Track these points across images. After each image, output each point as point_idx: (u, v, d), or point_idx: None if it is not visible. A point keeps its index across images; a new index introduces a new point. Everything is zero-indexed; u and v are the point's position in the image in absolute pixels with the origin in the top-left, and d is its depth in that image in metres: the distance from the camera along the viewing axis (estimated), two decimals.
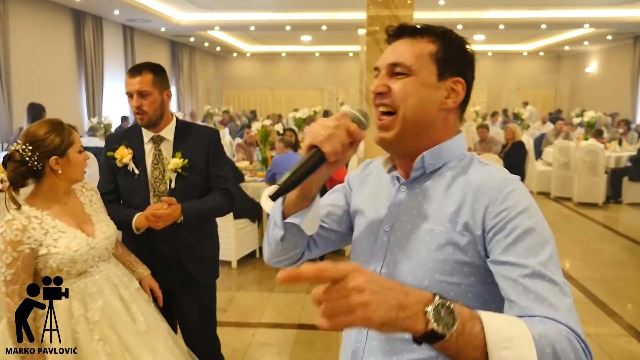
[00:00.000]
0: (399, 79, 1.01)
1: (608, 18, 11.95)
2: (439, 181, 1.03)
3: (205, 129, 2.32)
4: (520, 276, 0.86)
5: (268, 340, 3.57)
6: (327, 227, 1.19)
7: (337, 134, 0.96)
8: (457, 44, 1.05)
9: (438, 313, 0.71)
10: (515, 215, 0.91)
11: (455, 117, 1.06)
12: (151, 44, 14.49)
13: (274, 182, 5.12)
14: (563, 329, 0.79)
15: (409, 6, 4.35)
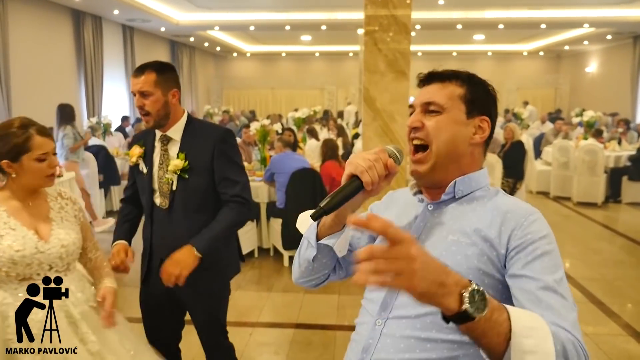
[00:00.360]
0: (433, 116, 1.13)
1: (608, 18, 11.94)
2: (465, 205, 1.14)
3: (212, 128, 2.22)
4: (536, 288, 0.97)
5: (265, 339, 3.57)
6: (354, 251, 1.26)
7: (376, 166, 1.09)
8: (481, 87, 1.19)
9: (472, 297, 0.79)
10: (537, 239, 1.03)
11: (480, 152, 1.19)
12: (151, 44, 14.50)
13: (272, 182, 5.14)
14: (570, 336, 0.89)
15: (407, 6, 4.34)
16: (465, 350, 1.00)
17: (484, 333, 0.81)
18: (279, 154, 5.27)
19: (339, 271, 1.31)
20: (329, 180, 5.24)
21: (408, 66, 4.38)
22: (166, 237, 2.13)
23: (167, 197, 2.11)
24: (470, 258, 1.05)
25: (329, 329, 3.70)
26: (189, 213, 2.11)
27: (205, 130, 2.17)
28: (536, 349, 0.81)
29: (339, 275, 1.32)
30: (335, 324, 3.79)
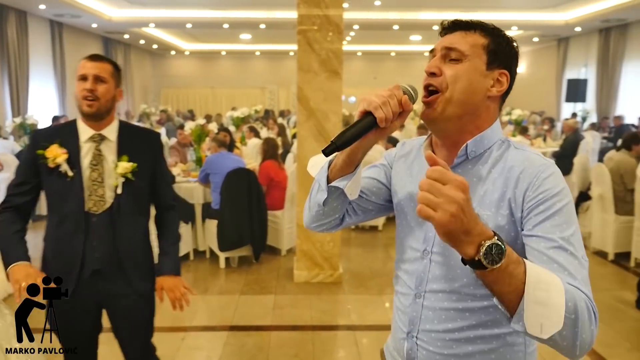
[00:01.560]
0: (452, 64, 1.09)
1: (534, 21, 12.59)
2: (480, 167, 1.12)
3: (149, 131, 2.22)
4: (546, 248, 0.99)
5: (198, 344, 3.50)
6: (366, 198, 1.26)
7: (390, 102, 1.06)
8: (505, 40, 1.14)
9: (490, 249, 0.84)
10: (549, 197, 1.02)
11: (496, 107, 1.14)
12: (82, 41, 13.89)
13: (207, 182, 5.05)
14: (582, 294, 0.93)
15: (339, 6, 4.38)
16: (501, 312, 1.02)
17: (496, 281, 0.87)
18: (214, 154, 5.18)
19: (354, 216, 1.28)
20: (267, 180, 5.21)
21: (341, 66, 4.42)
22: (104, 245, 1.99)
23: (101, 201, 1.98)
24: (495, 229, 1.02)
25: (264, 330, 3.68)
26: (132, 216, 2.05)
27: (143, 133, 2.15)
28: (548, 302, 0.87)
29: (354, 220, 1.30)
30: (270, 325, 3.77)
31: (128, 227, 2.03)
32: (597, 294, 3.62)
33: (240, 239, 4.87)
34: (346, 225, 1.30)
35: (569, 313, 0.88)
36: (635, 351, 3.38)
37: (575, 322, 0.89)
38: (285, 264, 5.08)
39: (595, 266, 5.14)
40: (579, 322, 0.90)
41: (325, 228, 1.28)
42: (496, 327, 1.10)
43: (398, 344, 1.23)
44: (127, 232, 2.03)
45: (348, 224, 1.30)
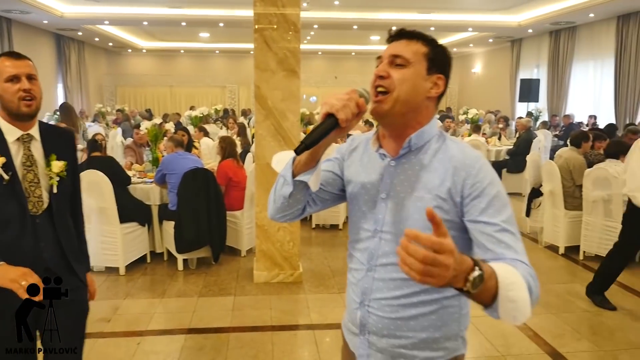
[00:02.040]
0: (399, 69, 1.26)
1: (488, 22, 12.92)
2: (422, 157, 1.30)
3: (65, 131, 2.19)
4: (493, 231, 1.20)
5: (155, 348, 3.43)
6: (323, 189, 1.42)
7: (349, 104, 1.22)
8: (442, 50, 1.33)
9: (474, 281, 0.99)
10: (486, 185, 1.22)
11: (433, 106, 1.33)
12: (32, 38, 13.38)
13: (164, 183, 4.95)
14: (527, 267, 1.14)
15: (296, 4, 4.37)
16: None
17: (479, 296, 1.03)
18: (170, 154, 5.08)
19: (314, 206, 1.44)
20: (225, 179, 5.15)
21: (299, 64, 4.41)
22: (49, 244, 1.97)
23: (39, 202, 1.95)
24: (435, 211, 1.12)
25: (222, 332, 3.63)
26: (66, 215, 2.07)
27: (59, 132, 2.13)
28: (516, 298, 1.06)
29: (314, 209, 1.45)
30: (229, 326, 3.73)
31: (66, 225, 2.05)
32: (548, 287, 3.78)
33: (198, 240, 4.80)
34: (306, 213, 1.45)
35: (523, 292, 1.08)
36: (585, 340, 3.52)
37: (530, 290, 1.11)
38: (245, 264, 5.03)
39: (547, 260, 5.32)
40: (533, 293, 1.11)
41: (289, 218, 1.43)
42: (436, 293, 1.29)
43: (352, 314, 1.41)
44: (66, 230, 2.04)
45: (308, 213, 1.46)
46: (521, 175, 8.04)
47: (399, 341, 1.31)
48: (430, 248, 0.92)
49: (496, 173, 1.28)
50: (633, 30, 10.71)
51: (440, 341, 1.32)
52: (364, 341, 1.37)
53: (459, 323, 1.34)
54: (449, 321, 1.32)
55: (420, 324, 1.30)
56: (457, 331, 1.34)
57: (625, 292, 4.41)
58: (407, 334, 1.31)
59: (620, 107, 11.11)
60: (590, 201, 5.05)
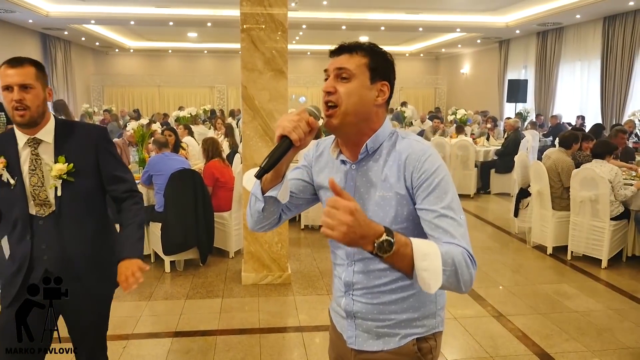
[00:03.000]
0: (344, 83, 1.36)
1: (476, 23, 12.98)
2: (379, 158, 1.40)
3: (90, 127, 2.15)
4: (432, 218, 1.30)
5: (141, 352, 3.38)
6: (296, 196, 1.53)
7: (300, 125, 1.32)
8: (382, 56, 1.41)
9: (381, 244, 1.12)
10: (429, 175, 1.31)
11: (383, 110, 1.43)
12: (18, 37, 13.20)
13: (150, 184, 4.89)
14: (459, 249, 1.23)
15: (283, 4, 4.34)
16: None
17: (392, 261, 1.16)
18: (156, 155, 5.02)
19: (288, 212, 1.56)
20: (212, 180, 5.10)
21: (286, 64, 4.38)
22: (52, 247, 1.98)
23: (46, 204, 1.97)
24: (395, 206, 1.36)
25: (209, 335, 3.59)
26: (77, 217, 2.01)
27: (81, 129, 2.07)
28: (429, 267, 1.16)
29: (290, 214, 1.58)
30: (216, 329, 3.69)
31: (74, 228, 2.00)
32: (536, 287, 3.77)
33: (185, 242, 4.75)
34: (283, 221, 1.57)
35: (449, 267, 1.18)
36: (573, 341, 3.53)
37: (455, 271, 1.20)
38: (234, 266, 4.99)
39: (535, 260, 5.34)
40: (458, 270, 1.20)
41: (268, 228, 1.54)
42: None
43: (338, 300, 1.54)
44: (74, 234, 2.00)
45: (285, 220, 1.58)
46: (509, 175, 8.07)
47: (383, 322, 1.45)
48: (330, 205, 1.10)
49: (443, 163, 1.36)
50: (619, 31, 10.82)
51: (420, 319, 1.45)
52: (351, 323, 1.50)
53: (435, 303, 1.48)
54: (426, 302, 1.45)
55: (400, 307, 1.44)
56: (435, 310, 1.47)
57: (612, 292, 4.44)
58: (390, 317, 1.45)
59: (607, 107, 11.22)
60: (577, 201, 5.08)
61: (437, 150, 1.38)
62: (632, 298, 4.29)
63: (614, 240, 4.99)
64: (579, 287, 4.54)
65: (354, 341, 1.51)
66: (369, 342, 1.48)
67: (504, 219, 6.90)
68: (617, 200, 4.93)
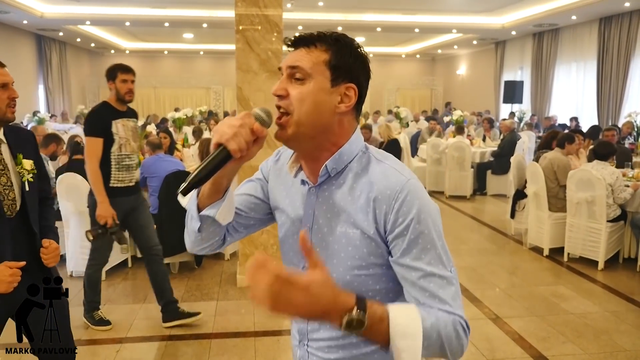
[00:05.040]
0: (297, 85, 1.09)
1: (472, 24, 12.99)
2: (342, 184, 1.12)
3: (26, 130, 2.27)
4: (416, 278, 1.05)
5: (134, 355, 3.34)
6: (245, 215, 1.26)
7: (242, 132, 1.04)
8: (349, 50, 1.11)
9: (350, 323, 0.92)
10: (409, 222, 1.04)
11: (350, 119, 1.14)
12: (12, 38, 13.15)
13: (145, 186, 4.85)
14: (450, 317, 1.01)
15: (278, 5, 4.32)
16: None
17: (366, 338, 0.97)
18: (150, 157, 4.99)
19: (235, 234, 1.28)
20: None
21: None
22: (23, 246, 1.99)
23: (13, 204, 1.96)
24: (360, 247, 1.10)
25: (204, 338, 3.56)
26: (34, 215, 2.07)
27: (20, 131, 2.18)
28: (408, 348, 0.96)
29: (237, 237, 1.29)
30: (211, 332, 3.65)
31: (34, 227, 2.05)
32: (532, 289, 3.74)
33: (180, 244, 4.62)
34: (229, 243, 1.29)
35: (433, 341, 0.99)
36: (570, 344, 3.51)
37: (442, 345, 1.00)
38: (229, 268, 4.96)
39: (532, 262, 5.33)
40: (445, 344, 1.00)
41: (209, 250, 1.26)
42: None
43: (293, 350, 1.29)
44: (34, 234, 2.05)
45: (230, 242, 1.30)
46: (506, 176, 8.06)
47: None
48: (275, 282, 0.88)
49: (427, 199, 1.09)
50: (615, 32, 10.84)
51: None
52: None
53: None
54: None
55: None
56: None
57: (609, 294, 4.43)
58: None
59: (603, 108, 11.24)
60: (574, 203, 5.07)
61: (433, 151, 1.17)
62: (629, 300, 4.28)
63: (611, 242, 4.98)
64: (576, 289, 4.52)
65: None
66: None
67: (501, 220, 6.88)
68: (616, 203, 4.92)
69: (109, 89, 3.56)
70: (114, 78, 3.50)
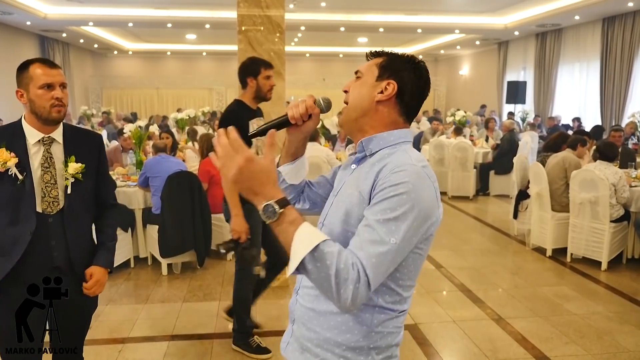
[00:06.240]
0: (355, 81, 1.39)
1: (475, 25, 12.97)
2: (369, 162, 1.33)
3: (92, 133, 2.29)
4: (361, 225, 1.20)
5: (136, 356, 3.34)
6: (314, 190, 1.57)
7: (300, 106, 1.40)
8: (402, 58, 1.38)
9: (266, 208, 1.13)
10: (387, 187, 1.20)
11: (390, 111, 1.34)
12: (16, 39, 13.19)
13: (147, 187, 4.86)
14: (355, 259, 1.12)
15: (280, 6, 4.32)
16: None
17: (277, 232, 1.15)
18: (153, 157, 4.99)
19: (303, 203, 1.56)
20: (207, 176, 5.10)
21: (283, 66, 4.35)
22: (60, 243, 2.03)
23: (55, 202, 2.02)
24: (354, 206, 1.28)
25: (206, 339, 3.56)
26: (80, 217, 2.11)
27: (85, 134, 2.22)
28: (296, 252, 1.11)
29: (304, 206, 1.56)
30: (213, 333, 3.65)
31: (78, 226, 2.09)
32: (535, 289, 3.72)
33: (182, 244, 4.71)
34: (301, 210, 1.54)
35: (324, 268, 1.10)
36: (573, 344, 3.50)
37: (328, 276, 1.10)
38: (231, 269, 4.92)
39: (535, 262, 5.31)
40: (332, 277, 1.10)
41: None
42: None
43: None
44: (78, 231, 2.08)
45: (301, 210, 1.55)
46: (508, 177, 8.04)
47: (308, 333, 1.34)
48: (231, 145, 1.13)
49: (419, 185, 1.21)
50: (618, 32, 10.80)
51: (342, 348, 1.28)
52: (289, 329, 1.44)
53: (369, 339, 1.28)
54: (355, 330, 1.28)
55: (327, 321, 1.30)
56: (364, 345, 1.28)
57: (612, 295, 4.41)
58: (315, 328, 1.32)
59: (606, 108, 11.20)
60: (577, 203, 5.05)
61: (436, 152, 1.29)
62: (633, 301, 4.26)
63: (614, 243, 4.96)
64: (579, 289, 4.51)
65: (285, 347, 1.43)
66: (295, 354, 1.37)
67: (503, 220, 6.86)
68: (619, 203, 4.90)
69: (244, 87, 3.22)
70: (257, 74, 3.15)
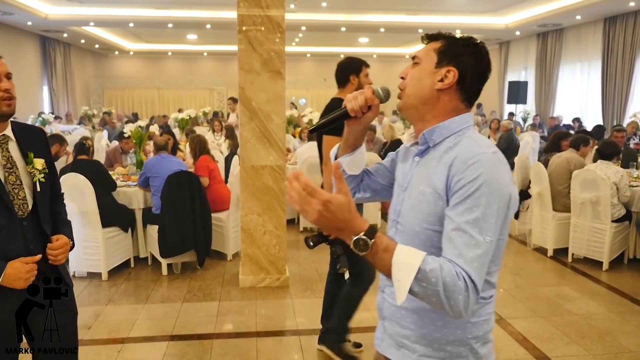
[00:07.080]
0: (413, 68, 1.35)
1: (476, 24, 12.95)
2: (436, 154, 1.30)
3: (36, 128, 2.15)
4: (450, 229, 1.17)
5: (136, 356, 3.33)
6: (373, 178, 1.57)
7: (359, 97, 1.40)
8: (461, 41, 1.34)
9: (357, 242, 1.10)
10: (466, 183, 1.17)
11: (452, 99, 1.32)
12: (17, 39, 13.20)
13: (147, 186, 4.86)
14: (458, 269, 1.10)
15: (280, 6, 4.31)
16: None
17: (374, 262, 1.13)
18: (153, 156, 4.99)
19: (362, 192, 1.58)
20: (207, 170, 5.11)
21: (283, 66, 4.35)
22: (37, 248, 1.89)
23: (24, 203, 1.87)
24: (430, 204, 1.25)
25: (205, 339, 3.55)
26: (46, 216, 1.98)
27: (29, 129, 2.05)
28: (401, 279, 1.10)
29: (364, 195, 1.58)
30: (212, 333, 3.64)
31: (46, 227, 1.97)
32: (536, 289, 3.70)
33: (182, 244, 4.71)
34: (360, 200, 1.58)
35: (431, 286, 1.08)
36: (574, 345, 3.48)
37: (437, 293, 1.09)
38: (231, 269, 4.95)
39: (536, 262, 5.30)
40: (441, 292, 1.09)
41: None
42: None
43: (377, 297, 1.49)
44: (50, 229, 1.98)
45: (359, 198, 1.58)
46: None
47: (403, 331, 1.35)
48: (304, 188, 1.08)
49: (495, 173, 1.19)
50: (620, 32, 10.79)
51: (441, 342, 1.30)
52: (381, 325, 1.45)
53: (466, 330, 1.29)
54: (452, 324, 1.28)
55: (421, 318, 1.31)
56: (463, 337, 1.29)
57: (614, 295, 4.39)
58: (410, 326, 1.33)
59: (608, 108, 11.18)
60: (578, 203, 5.03)
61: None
62: (634, 301, 4.24)
63: (615, 243, 4.95)
64: (580, 289, 4.49)
65: (379, 343, 1.44)
66: (391, 350, 1.39)
67: None
68: (620, 202, 4.88)
69: (344, 84, 3.20)
70: (359, 72, 3.16)
